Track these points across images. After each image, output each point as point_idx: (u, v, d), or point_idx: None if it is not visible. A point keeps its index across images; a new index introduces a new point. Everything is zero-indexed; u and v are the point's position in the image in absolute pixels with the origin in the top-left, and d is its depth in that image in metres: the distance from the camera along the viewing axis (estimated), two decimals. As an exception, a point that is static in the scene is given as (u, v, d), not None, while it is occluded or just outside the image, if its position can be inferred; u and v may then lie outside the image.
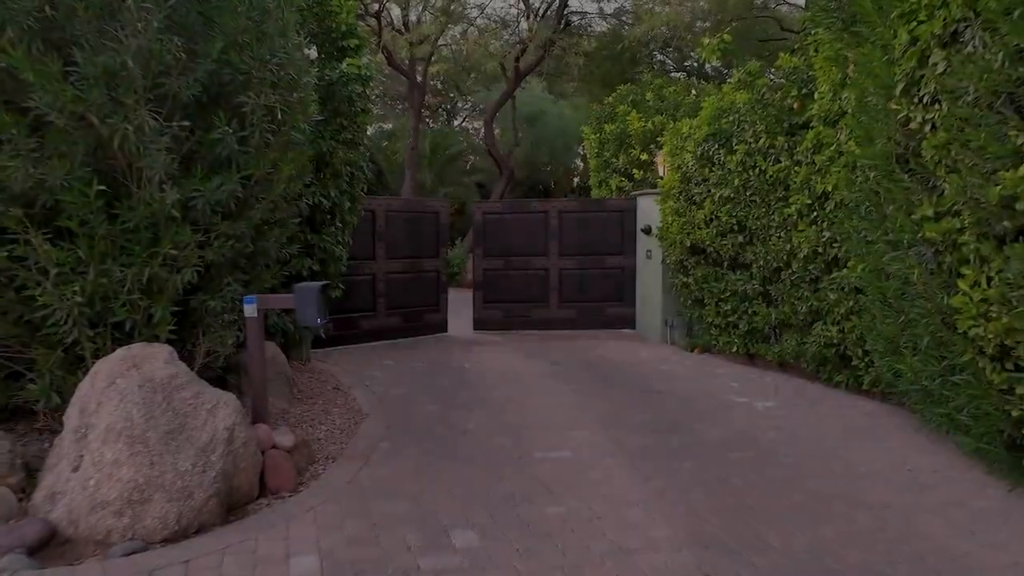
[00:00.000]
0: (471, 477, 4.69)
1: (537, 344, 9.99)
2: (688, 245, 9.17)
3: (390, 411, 6.30)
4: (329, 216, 7.27)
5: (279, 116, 4.47)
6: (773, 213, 7.63)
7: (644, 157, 11.70)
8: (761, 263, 7.90)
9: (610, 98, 13.01)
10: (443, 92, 31.35)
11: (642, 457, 5.13)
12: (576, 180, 27.22)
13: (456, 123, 30.96)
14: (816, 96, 6.79)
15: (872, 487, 4.60)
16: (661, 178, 10.48)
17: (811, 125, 6.95)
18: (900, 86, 4.68)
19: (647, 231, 10.39)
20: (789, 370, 8.14)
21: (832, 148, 6.44)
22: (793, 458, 5.15)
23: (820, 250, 6.90)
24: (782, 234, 7.51)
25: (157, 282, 4.08)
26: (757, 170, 7.78)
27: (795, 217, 7.24)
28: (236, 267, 4.65)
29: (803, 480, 4.72)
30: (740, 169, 8.04)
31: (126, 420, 3.62)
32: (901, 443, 5.49)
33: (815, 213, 6.97)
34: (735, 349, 8.65)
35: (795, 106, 7.32)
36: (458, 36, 21.31)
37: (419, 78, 19.46)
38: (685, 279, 9.40)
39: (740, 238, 8.25)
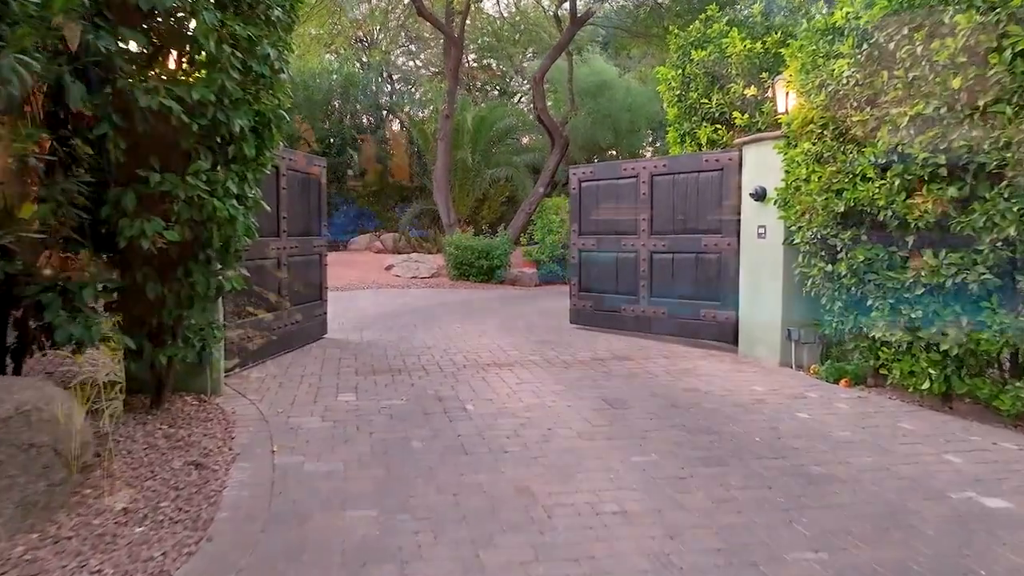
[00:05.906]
0: None
1: (590, 364, 6.55)
2: (839, 211, 5.57)
3: (267, 530, 3.01)
4: (205, 144, 3.99)
5: None
6: (1045, 133, 4.00)
7: (750, 93, 8.03)
8: (1008, 232, 4.27)
9: (699, 21, 9.37)
10: (492, 68, 28.04)
11: None
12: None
13: (508, 103, 27.56)
14: None
15: None
16: (784, 113, 6.88)
17: None
18: None
19: (759, 196, 6.81)
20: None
21: None
22: None
23: None
24: (1066, 173, 3.88)
25: None
26: (1003, 55, 4.14)
27: (1112, 133, 3.62)
28: None
29: None
30: (962, 61, 4.41)
31: None
32: None
33: None
34: (926, 385, 5.03)
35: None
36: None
37: (456, 33, 16.17)
38: (829, 267, 5.79)
39: (952, 190, 4.62)
